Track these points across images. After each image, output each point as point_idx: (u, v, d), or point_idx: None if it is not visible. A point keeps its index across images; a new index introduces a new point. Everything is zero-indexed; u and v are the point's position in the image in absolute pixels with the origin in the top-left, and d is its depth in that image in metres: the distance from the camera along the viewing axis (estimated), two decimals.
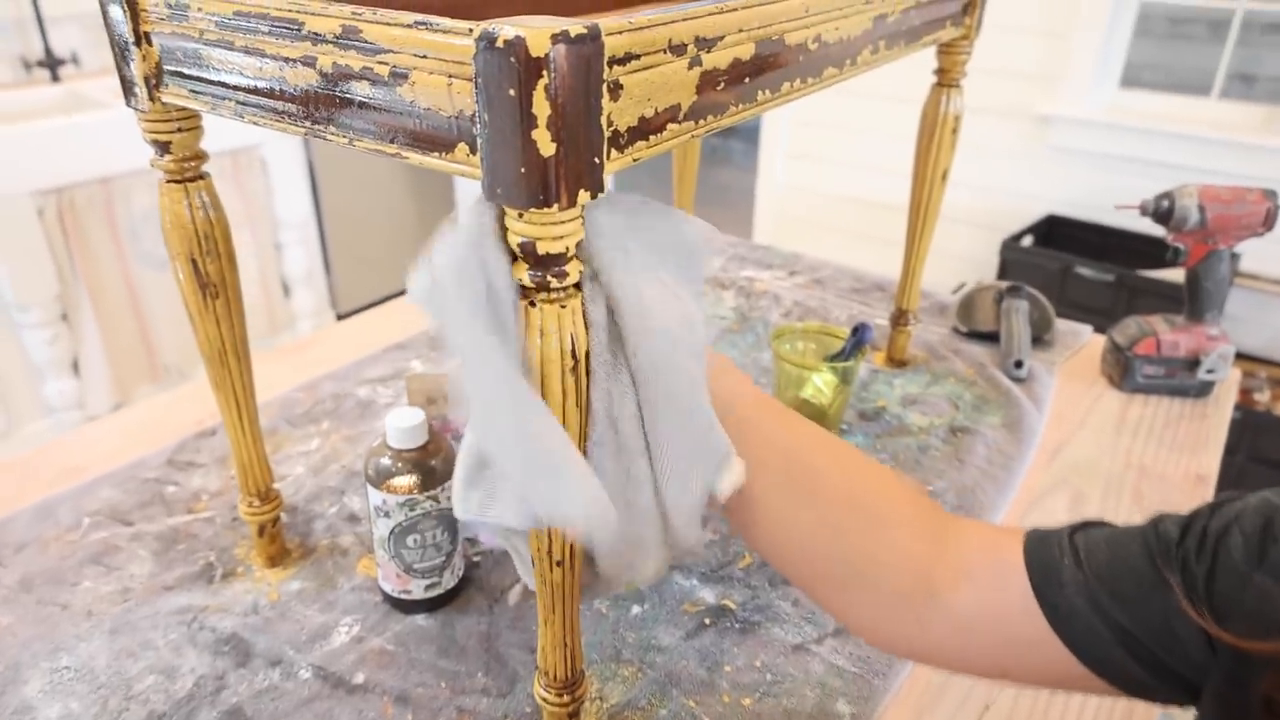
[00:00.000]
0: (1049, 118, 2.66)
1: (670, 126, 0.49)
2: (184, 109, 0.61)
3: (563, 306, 0.45)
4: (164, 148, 0.62)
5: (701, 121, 0.51)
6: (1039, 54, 2.64)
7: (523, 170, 0.41)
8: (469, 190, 3.47)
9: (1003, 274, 2.61)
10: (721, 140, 5.29)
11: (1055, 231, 2.74)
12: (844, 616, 0.56)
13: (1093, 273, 2.43)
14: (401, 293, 0.70)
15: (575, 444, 0.49)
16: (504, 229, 0.44)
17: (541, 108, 0.40)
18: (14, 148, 2.05)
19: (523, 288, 0.45)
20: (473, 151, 0.43)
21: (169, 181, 0.64)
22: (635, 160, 0.47)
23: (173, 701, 0.67)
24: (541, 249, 0.43)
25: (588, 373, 0.48)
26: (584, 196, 0.43)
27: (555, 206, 0.42)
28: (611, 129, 0.44)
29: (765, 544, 0.56)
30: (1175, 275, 2.34)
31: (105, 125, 2.19)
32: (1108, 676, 0.48)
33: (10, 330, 2.19)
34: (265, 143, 2.56)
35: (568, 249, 0.44)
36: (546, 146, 0.40)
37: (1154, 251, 2.52)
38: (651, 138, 0.47)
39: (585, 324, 0.47)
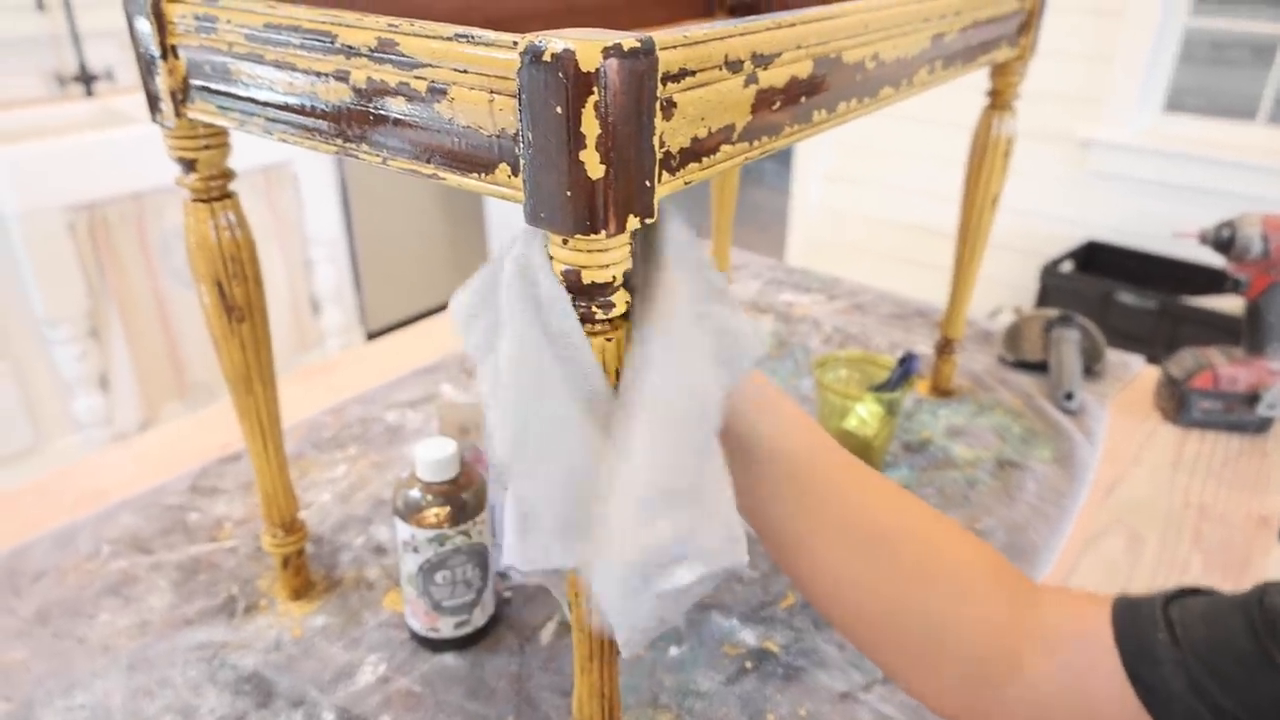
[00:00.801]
0: (1090, 142, 2.61)
1: (724, 148, 0.46)
2: (211, 125, 0.58)
3: (608, 339, 0.42)
4: (190, 165, 0.60)
5: (756, 143, 0.48)
6: (1081, 78, 2.60)
7: (569, 193, 0.38)
8: (501, 210, 3.48)
9: (1042, 300, 2.56)
10: (754, 161, 5.27)
11: (1095, 258, 2.69)
12: (910, 684, 0.51)
13: (1135, 300, 2.37)
14: (431, 312, 0.68)
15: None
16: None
17: (591, 126, 0.37)
18: (47, 163, 2.06)
19: None
20: (514, 173, 0.40)
21: (195, 201, 0.62)
22: (687, 183, 0.44)
23: None
24: (587, 278, 0.40)
25: None
26: (633, 222, 0.40)
27: (603, 233, 0.39)
28: (663, 150, 0.41)
29: (824, 602, 0.52)
30: (1220, 304, 2.28)
31: (138, 141, 2.19)
32: None
33: (40, 346, 2.19)
34: (297, 159, 2.56)
35: (614, 278, 0.41)
36: (595, 168, 0.37)
37: (1197, 279, 2.47)
38: (704, 159, 0.44)
39: None
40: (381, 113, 0.44)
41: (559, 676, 0.71)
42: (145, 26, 0.55)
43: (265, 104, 0.51)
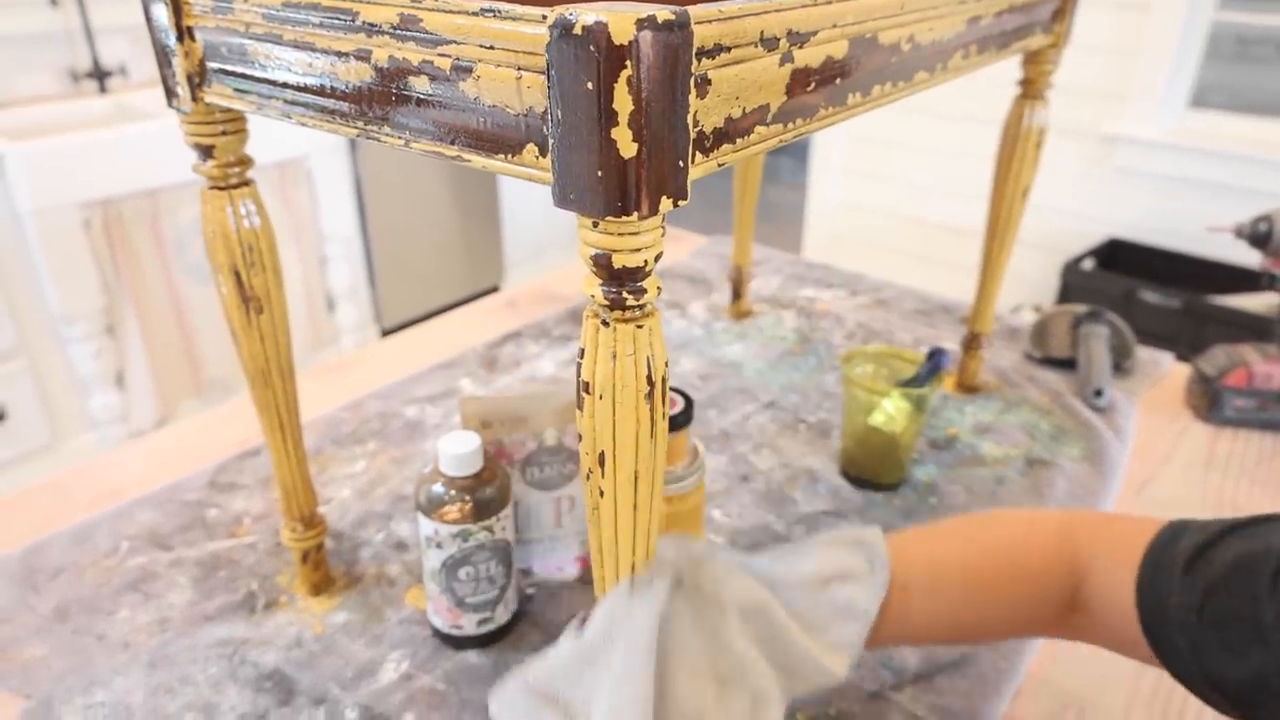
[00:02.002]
0: (1115, 138, 2.58)
1: (758, 129, 0.44)
2: (228, 110, 0.57)
3: (639, 326, 0.41)
4: (207, 152, 0.59)
5: (791, 125, 0.47)
6: (1106, 73, 2.57)
7: (600, 174, 0.37)
8: (515, 206, 3.46)
9: (1063, 297, 2.53)
10: (770, 157, 5.25)
11: (1117, 255, 2.65)
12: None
13: (1158, 298, 2.34)
14: (446, 309, 0.66)
15: (649, 481, 0.44)
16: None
17: (623, 103, 0.35)
18: (61, 159, 2.05)
19: (596, 305, 0.41)
20: (542, 154, 0.39)
21: (212, 188, 0.60)
22: (720, 165, 0.43)
23: None
24: (618, 262, 0.39)
25: (664, 399, 0.44)
26: (666, 204, 0.38)
27: (635, 215, 0.37)
28: (697, 129, 0.40)
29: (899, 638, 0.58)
30: (1245, 302, 2.25)
31: (152, 136, 2.19)
32: (1214, 706, 0.48)
33: (56, 343, 2.19)
34: (311, 154, 2.56)
35: (646, 262, 0.39)
36: (627, 147, 0.36)
37: (1220, 277, 2.44)
38: (739, 140, 0.43)
39: None
40: (404, 93, 0.43)
41: None
42: (161, 9, 0.54)
43: (284, 85, 0.50)
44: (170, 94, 0.57)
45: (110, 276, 2.20)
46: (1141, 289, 2.37)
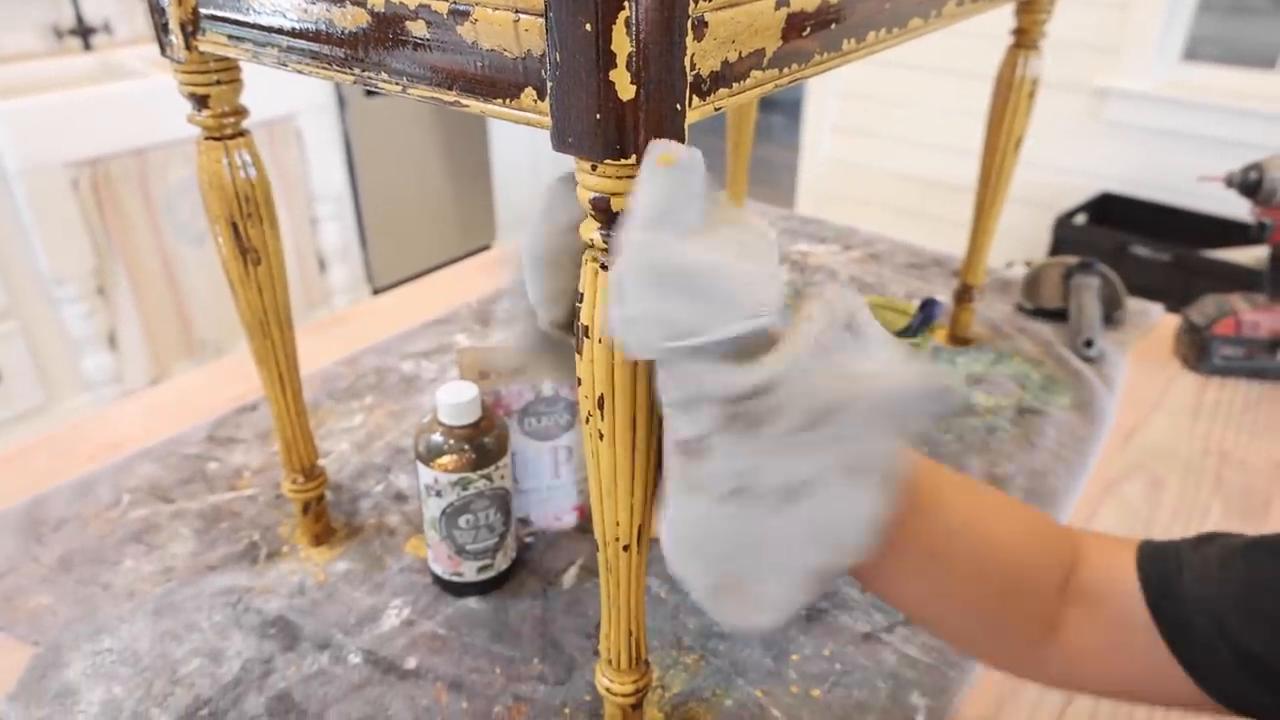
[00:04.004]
0: (1107, 91, 2.57)
1: (754, 74, 0.44)
2: (222, 59, 0.57)
3: None
4: (201, 102, 0.59)
5: (786, 70, 0.47)
6: (1098, 26, 2.55)
7: (598, 116, 0.37)
8: (506, 166, 3.44)
9: (1055, 253, 2.53)
10: (762, 115, 5.21)
11: (1110, 210, 2.66)
12: (960, 652, 0.56)
13: (1149, 252, 2.35)
14: (438, 267, 0.67)
15: (646, 425, 0.45)
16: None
17: (621, 44, 0.36)
18: (47, 118, 2.03)
19: (593, 248, 0.41)
20: (541, 97, 0.39)
21: (207, 139, 0.60)
22: (716, 109, 0.43)
23: (219, 686, 0.64)
24: (616, 205, 0.39)
25: None
26: None
27: (633, 157, 0.38)
28: (694, 72, 0.40)
29: (878, 592, 0.53)
30: (1236, 255, 2.26)
31: (139, 94, 2.17)
32: (1225, 700, 0.44)
33: (47, 305, 2.18)
34: (300, 113, 2.54)
35: None
36: (625, 89, 0.36)
37: (1212, 231, 2.44)
38: (735, 85, 0.43)
39: None
40: (401, 37, 0.43)
41: (582, 619, 0.71)
42: None
43: (278, 31, 0.49)
44: (163, 43, 0.57)
45: (100, 237, 2.19)
46: (1133, 243, 2.38)
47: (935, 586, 0.50)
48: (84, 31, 2.43)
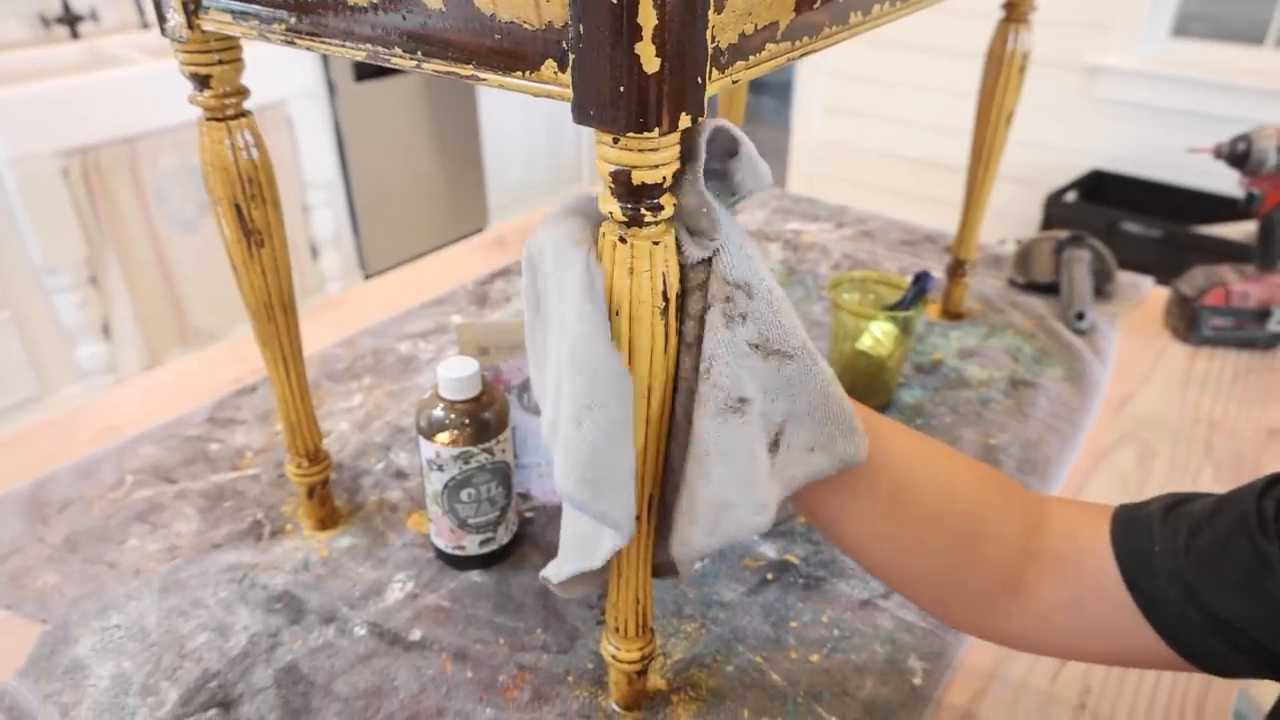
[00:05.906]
0: (1097, 68, 2.58)
1: (769, 46, 0.45)
2: (225, 38, 0.57)
3: (655, 243, 0.42)
4: (203, 82, 0.59)
5: (798, 43, 0.47)
6: (1087, 3, 2.56)
7: (622, 89, 0.37)
8: (497, 151, 3.43)
9: (1046, 230, 2.55)
10: (753, 97, 5.20)
11: (1100, 186, 2.67)
12: (926, 607, 0.55)
13: (1140, 229, 2.36)
14: (430, 251, 0.67)
15: (661, 396, 0.46)
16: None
17: (648, 17, 0.35)
18: (37, 106, 2.02)
19: (614, 221, 0.42)
20: (561, 69, 0.39)
21: (209, 120, 0.60)
22: (734, 81, 0.43)
23: (227, 659, 0.65)
24: (637, 179, 0.39)
25: (679, 315, 0.45)
26: (685, 120, 0.39)
27: (656, 130, 0.38)
28: (714, 45, 0.40)
29: (848, 545, 0.55)
30: (1226, 231, 2.27)
31: (128, 82, 2.16)
32: (1200, 663, 0.46)
33: (40, 294, 2.18)
34: (290, 100, 2.53)
35: (665, 179, 0.40)
36: (650, 62, 0.36)
37: (1202, 207, 2.46)
38: (751, 58, 0.43)
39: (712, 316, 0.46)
40: (416, 11, 0.43)
41: None
42: None
43: (285, 6, 0.49)
44: (163, 21, 0.57)
45: (91, 226, 2.18)
46: (1123, 220, 2.39)
47: (896, 530, 0.52)
48: (71, 19, 2.41)
